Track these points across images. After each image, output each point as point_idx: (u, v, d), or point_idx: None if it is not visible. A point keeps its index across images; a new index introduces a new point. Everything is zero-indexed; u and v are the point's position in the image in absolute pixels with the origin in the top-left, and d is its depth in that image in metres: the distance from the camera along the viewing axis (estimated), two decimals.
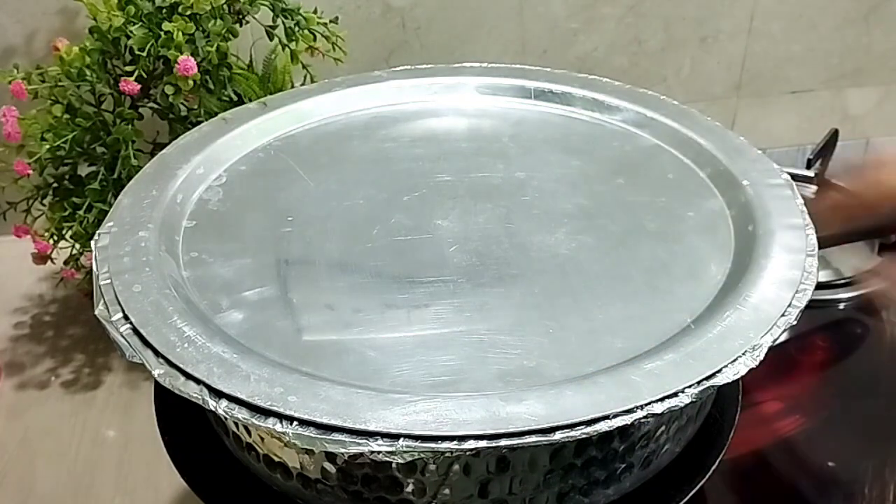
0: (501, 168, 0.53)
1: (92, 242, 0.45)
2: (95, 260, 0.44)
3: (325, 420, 0.34)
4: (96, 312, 0.41)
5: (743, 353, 0.37)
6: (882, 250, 0.72)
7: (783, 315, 0.39)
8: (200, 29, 0.60)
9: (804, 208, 0.47)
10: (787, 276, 0.42)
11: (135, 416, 0.61)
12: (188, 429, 0.45)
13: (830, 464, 0.54)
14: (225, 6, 0.62)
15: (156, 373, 0.37)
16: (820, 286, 0.67)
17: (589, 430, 0.34)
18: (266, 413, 0.35)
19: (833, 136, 0.79)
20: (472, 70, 0.62)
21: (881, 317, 0.66)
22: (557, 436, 0.34)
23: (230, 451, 0.43)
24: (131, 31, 0.60)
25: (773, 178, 0.49)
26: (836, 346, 0.64)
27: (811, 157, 0.78)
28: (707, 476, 0.43)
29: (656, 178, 0.52)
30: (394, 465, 0.37)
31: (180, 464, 0.44)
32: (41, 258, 0.64)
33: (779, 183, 0.49)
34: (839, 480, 0.53)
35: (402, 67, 0.62)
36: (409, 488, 0.38)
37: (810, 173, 0.77)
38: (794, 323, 0.40)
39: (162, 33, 0.60)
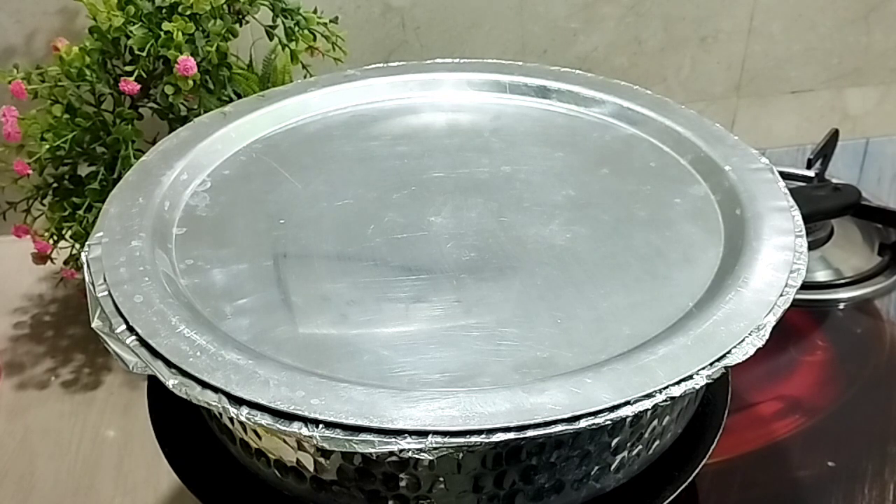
0: (487, 162, 0.53)
1: (82, 254, 0.44)
2: (89, 271, 0.43)
3: (351, 421, 0.34)
4: (93, 325, 0.40)
5: (749, 334, 0.38)
6: (882, 250, 0.74)
7: (781, 295, 0.41)
8: (200, 29, 0.59)
9: (787, 190, 0.48)
10: (780, 257, 0.43)
11: (135, 416, 0.60)
12: (186, 435, 0.45)
13: (830, 464, 0.55)
14: (225, 6, 0.61)
15: (170, 383, 0.37)
16: (820, 286, 0.69)
17: (612, 416, 0.35)
18: (290, 417, 0.35)
19: (833, 136, 0.79)
20: (445, 66, 0.62)
21: (881, 317, 0.67)
22: (582, 424, 0.34)
23: (232, 456, 0.43)
24: (131, 31, 0.59)
25: (753, 163, 0.51)
26: (836, 346, 0.65)
27: (811, 157, 0.78)
28: (707, 454, 0.45)
29: (639, 166, 0.53)
30: (424, 463, 0.37)
31: (181, 470, 0.44)
32: (41, 258, 0.63)
33: (759, 167, 0.50)
34: (839, 480, 0.54)
35: (374, 66, 0.63)
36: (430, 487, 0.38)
37: (810, 173, 0.78)
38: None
39: (162, 33, 0.59)
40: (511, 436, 0.34)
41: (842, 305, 0.69)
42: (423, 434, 0.34)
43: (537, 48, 0.81)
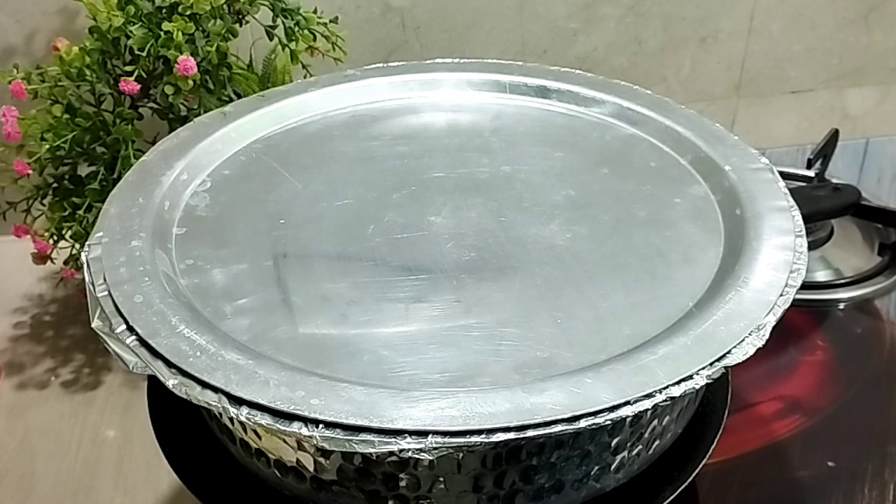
0: (487, 162, 0.53)
1: (83, 254, 0.44)
2: (89, 271, 0.43)
3: (351, 421, 0.34)
4: (93, 325, 0.40)
5: (749, 334, 0.38)
6: (882, 250, 0.74)
7: (781, 295, 0.41)
8: (200, 29, 0.59)
9: (787, 190, 0.48)
10: (780, 257, 0.43)
11: (135, 416, 0.60)
12: (186, 435, 0.45)
13: (830, 464, 0.55)
14: (225, 6, 0.61)
15: (170, 383, 0.37)
16: (820, 286, 0.69)
17: (612, 416, 0.35)
18: (290, 417, 0.35)
19: (833, 136, 0.79)
20: (445, 66, 0.62)
21: (881, 317, 0.67)
22: (582, 424, 0.34)
23: (232, 456, 0.43)
24: (131, 31, 0.59)
25: (753, 163, 0.51)
26: (836, 346, 0.65)
27: (811, 157, 0.78)
28: (707, 454, 0.45)
29: (639, 166, 0.53)
30: (424, 463, 0.37)
31: (181, 470, 0.44)
32: (41, 258, 0.63)
33: (759, 167, 0.50)
34: (839, 480, 0.54)
35: (374, 66, 0.63)
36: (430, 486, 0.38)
37: (810, 173, 0.78)
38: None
39: (162, 33, 0.59)
40: (511, 436, 0.34)
41: (842, 305, 0.69)
42: (423, 434, 0.34)
43: (537, 48, 0.81)
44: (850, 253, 0.73)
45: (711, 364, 0.37)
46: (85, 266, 0.43)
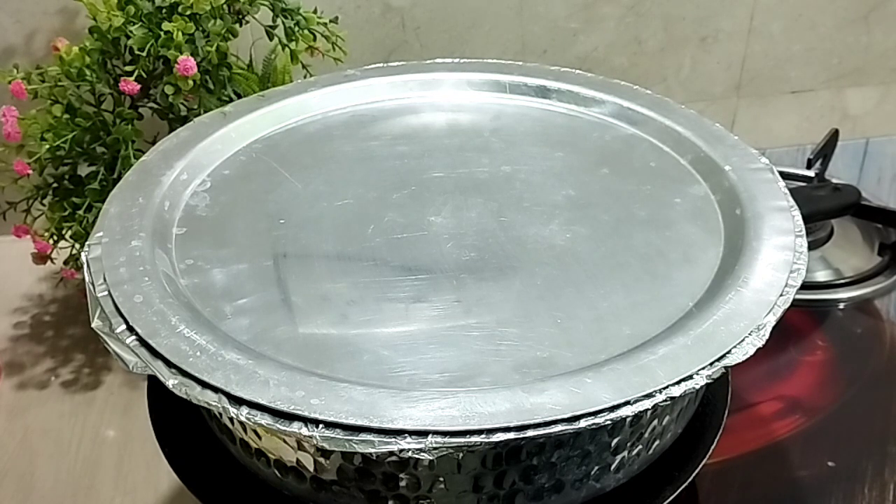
0: (487, 162, 0.53)
1: (83, 254, 0.44)
2: (89, 271, 0.43)
3: (351, 421, 0.34)
4: (93, 325, 0.40)
5: (749, 334, 0.38)
6: (882, 250, 0.74)
7: (781, 295, 0.41)
8: (200, 29, 0.59)
9: (787, 190, 0.48)
10: (780, 257, 0.43)
11: (135, 415, 0.61)
12: (186, 435, 0.45)
13: (830, 464, 0.55)
14: (225, 6, 0.61)
15: (170, 383, 0.37)
16: (820, 286, 0.69)
17: (612, 416, 0.35)
18: (290, 417, 0.35)
19: (833, 136, 0.79)
20: (445, 66, 0.62)
21: (881, 317, 0.67)
22: (582, 424, 0.34)
23: (232, 456, 0.43)
24: (131, 31, 0.59)
25: (753, 163, 0.51)
26: (836, 346, 0.65)
27: (811, 157, 0.78)
28: (707, 454, 0.45)
29: (639, 166, 0.53)
30: (424, 463, 0.37)
31: (181, 470, 0.44)
32: (41, 258, 0.64)
33: (759, 167, 0.50)
34: (839, 480, 0.54)
35: (374, 66, 0.63)
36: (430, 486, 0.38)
37: (810, 173, 0.78)
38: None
39: (162, 33, 0.59)
40: (511, 436, 0.34)
41: (842, 305, 0.69)
42: (423, 434, 0.34)
43: (537, 48, 0.81)
44: (850, 253, 0.73)
45: (711, 364, 0.37)
46: (85, 266, 0.43)
